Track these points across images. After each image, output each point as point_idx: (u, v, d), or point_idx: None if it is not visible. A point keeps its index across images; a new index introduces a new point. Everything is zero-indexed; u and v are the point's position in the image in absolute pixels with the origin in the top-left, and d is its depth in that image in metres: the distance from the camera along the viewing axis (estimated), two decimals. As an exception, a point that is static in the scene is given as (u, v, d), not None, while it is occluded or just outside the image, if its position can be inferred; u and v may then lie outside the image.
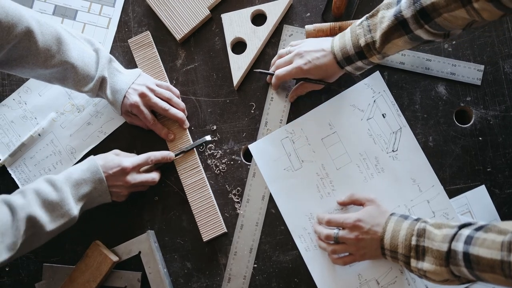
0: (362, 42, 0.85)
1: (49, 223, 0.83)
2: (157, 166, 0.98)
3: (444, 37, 0.81)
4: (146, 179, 0.94)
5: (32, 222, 0.80)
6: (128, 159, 0.92)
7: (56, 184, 0.85)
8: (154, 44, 1.04)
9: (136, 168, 0.93)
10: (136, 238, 0.96)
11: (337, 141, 0.98)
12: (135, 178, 0.92)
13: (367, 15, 0.86)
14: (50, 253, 0.99)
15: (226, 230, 0.96)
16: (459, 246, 0.72)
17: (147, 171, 0.96)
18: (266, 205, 0.97)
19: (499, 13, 0.70)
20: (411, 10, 0.77)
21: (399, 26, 0.80)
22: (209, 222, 0.96)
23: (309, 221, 0.96)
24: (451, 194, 0.94)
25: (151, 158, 0.95)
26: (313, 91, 0.98)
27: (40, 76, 0.92)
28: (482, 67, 0.97)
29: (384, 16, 0.82)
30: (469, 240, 0.71)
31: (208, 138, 0.99)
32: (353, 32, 0.87)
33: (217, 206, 0.97)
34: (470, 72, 0.97)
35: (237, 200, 0.98)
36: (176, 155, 0.98)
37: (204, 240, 0.96)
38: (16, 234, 0.78)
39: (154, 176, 0.96)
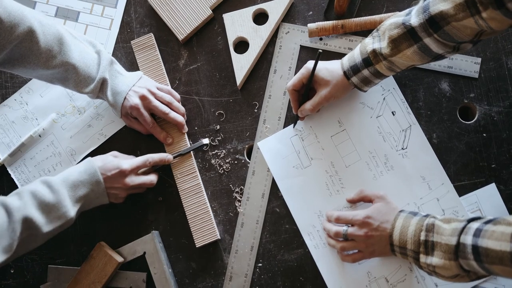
0: (369, 48, 0.85)
1: (45, 225, 0.82)
2: (154, 168, 0.98)
3: (454, 49, 0.81)
4: (144, 181, 0.94)
5: (28, 224, 0.80)
6: (127, 161, 0.92)
7: (53, 186, 0.84)
8: (156, 46, 1.04)
9: (135, 170, 0.92)
10: (140, 239, 0.96)
11: (346, 138, 0.97)
12: (133, 180, 0.92)
13: (376, 28, 0.87)
14: (55, 255, 0.99)
15: (219, 237, 0.96)
16: (468, 239, 0.72)
17: (145, 173, 0.96)
18: (266, 203, 0.97)
19: (507, 21, 0.70)
20: (419, 19, 0.78)
21: (407, 34, 0.80)
22: (203, 228, 0.96)
23: (318, 218, 0.95)
24: (456, 190, 0.94)
25: (149, 160, 0.95)
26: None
27: (41, 76, 0.92)
28: (479, 59, 0.97)
29: (392, 23, 0.82)
30: (478, 233, 0.71)
31: (205, 141, 0.99)
32: (362, 43, 0.88)
33: (211, 212, 0.97)
34: (467, 65, 0.97)
35: (240, 199, 0.98)
36: (174, 157, 0.98)
37: (197, 246, 0.95)
38: (12, 236, 0.78)
39: (152, 178, 0.95)
